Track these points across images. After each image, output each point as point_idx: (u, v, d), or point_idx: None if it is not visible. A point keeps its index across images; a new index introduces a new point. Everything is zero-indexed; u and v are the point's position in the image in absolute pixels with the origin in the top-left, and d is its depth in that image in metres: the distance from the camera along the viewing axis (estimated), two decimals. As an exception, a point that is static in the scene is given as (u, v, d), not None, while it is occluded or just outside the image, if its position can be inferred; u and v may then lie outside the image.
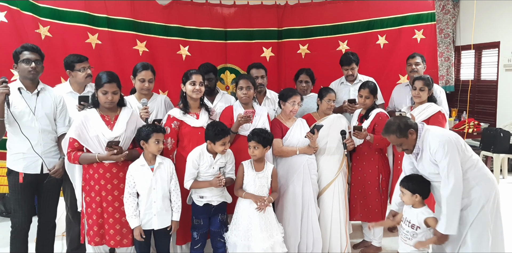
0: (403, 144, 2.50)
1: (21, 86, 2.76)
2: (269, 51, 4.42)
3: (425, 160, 2.48)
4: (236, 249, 2.79)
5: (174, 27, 4.18)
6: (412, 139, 2.48)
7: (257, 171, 2.85)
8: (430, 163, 2.45)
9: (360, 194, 3.40)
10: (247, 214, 2.79)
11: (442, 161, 2.37)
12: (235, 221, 2.85)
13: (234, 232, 2.82)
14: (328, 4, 4.52)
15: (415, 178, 2.58)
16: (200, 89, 3.02)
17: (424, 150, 2.46)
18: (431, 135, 2.45)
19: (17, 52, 2.76)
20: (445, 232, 2.37)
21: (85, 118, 2.71)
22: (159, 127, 2.74)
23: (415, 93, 3.19)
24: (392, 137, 2.50)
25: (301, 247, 3.18)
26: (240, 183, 2.86)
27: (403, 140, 2.48)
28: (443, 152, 2.36)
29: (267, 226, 2.79)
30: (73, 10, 3.78)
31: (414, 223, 2.51)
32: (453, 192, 2.34)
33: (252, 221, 2.77)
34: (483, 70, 5.81)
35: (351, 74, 3.80)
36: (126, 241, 2.75)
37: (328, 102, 3.28)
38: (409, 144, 2.49)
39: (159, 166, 2.72)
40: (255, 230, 2.75)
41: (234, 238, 2.80)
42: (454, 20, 5.94)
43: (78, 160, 2.68)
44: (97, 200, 2.71)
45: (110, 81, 2.68)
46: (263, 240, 2.74)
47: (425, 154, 2.46)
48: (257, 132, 2.83)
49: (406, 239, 2.55)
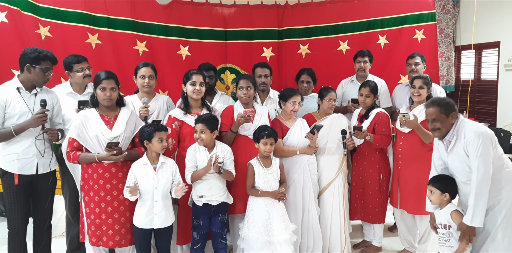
0: (439, 122, 2.47)
1: (20, 86, 2.75)
2: (270, 51, 4.42)
3: (457, 151, 2.47)
4: (255, 245, 2.82)
5: (174, 27, 4.18)
6: (450, 122, 2.47)
7: (266, 168, 2.90)
8: (461, 155, 2.44)
9: (360, 193, 3.40)
10: (265, 210, 2.85)
11: (474, 152, 2.36)
12: (252, 219, 2.89)
13: (253, 229, 2.86)
14: (329, 4, 4.52)
15: (444, 178, 2.61)
16: (201, 89, 3.02)
17: (458, 139, 2.45)
18: (467, 126, 2.45)
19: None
20: (470, 224, 2.37)
21: (84, 118, 2.72)
22: (160, 126, 2.75)
23: (415, 91, 3.19)
24: (434, 109, 2.47)
25: (301, 247, 3.18)
26: (252, 182, 2.90)
27: (442, 117, 2.46)
28: (477, 143, 2.35)
29: (284, 218, 2.90)
30: (73, 10, 3.78)
31: (445, 224, 2.54)
32: (482, 184, 2.34)
33: (271, 215, 2.85)
34: (483, 70, 5.81)
35: (363, 67, 3.79)
36: (124, 241, 2.75)
37: (329, 102, 3.28)
38: (444, 125, 2.47)
39: (161, 166, 2.73)
40: (275, 224, 2.84)
41: (254, 235, 2.84)
42: (454, 20, 5.93)
43: (77, 159, 2.68)
44: (96, 200, 2.71)
45: (108, 78, 2.70)
46: (283, 232, 2.84)
47: (458, 144, 2.45)
48: (266, 128, 2.90)
49: (445, 242, 2.56)
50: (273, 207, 2.86)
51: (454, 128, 2.48)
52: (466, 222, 2.40)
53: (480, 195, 2.36)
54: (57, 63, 2.83)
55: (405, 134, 3.19)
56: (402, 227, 3.41)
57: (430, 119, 2.53)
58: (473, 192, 2.37)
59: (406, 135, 3.20)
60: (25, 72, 2.73)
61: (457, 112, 2.50)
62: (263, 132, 2.86)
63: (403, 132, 3.20)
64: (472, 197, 2.37)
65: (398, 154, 3.28)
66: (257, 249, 2.83)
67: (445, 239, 2.55)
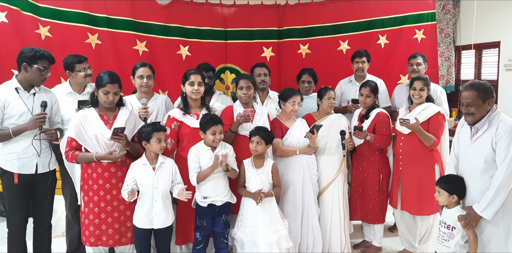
0: (474, 106, 2.39)
1: (18, 86, 2.75)
2: (270, 51, 4.41)
3: (482, 141, 2.40)
4: (244, 245, 2.83)
5: (174, 27, 4.17)
6: (485, 108, 2.39)
7: (257, 168, 2.89)
8: (485, 147, 2.37)
9: (360, 194, 3.40)
10: (252, 211, 2.84)
11: (505, 147, 2.29)
12: (241, 218, 2.89)
13: (240, 228, 2.87)
14: (329, 3, 4.51)
15: (452, 179, 2.56)
16: (199, 89, 3.01)
17: (489, 129, 2.37)
18: (503, 118, 2.37)
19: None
20: (480, 213, 2.35)
21: (83, 117, 2.72)
22: (159, 126, 2.74)
23: (416, 93, 3.18)
24: (471, 93, 2.39)
25: (301, 247, 3.19)
26: (243, 181, 2.91)
27: (478, 102, 2.38)
28: (510, 139, 2.29)
29: (272, 221, 2.85)
30: (73, 10, 3.78)
31: (449, 224, 2.51)
32: (507, 180, 2.29)
33: (256, 216, 2.82)
34: (483, 70, 5.79)
35: (361, 68, 3.79)
36: (124, 240, 2.76)
37: (329, 100, 3.27)
38: (478, 110, 2.39)
39: (161, 166, 2.73)
40: (259, 225, 2.80)
41: (240, 234, 2.85)
42: (454, 20, 5.92)
43: (76, 159, 2.68)
44: (95, 200, 2.71)
45: (113, 82, 2.69)
46: (268, 234, 2.79)
47: (487, 134, 2.38)
48: (261, 128, 2.89)
49: (443, 241, 2.55)
50: (259, 208, 2.82)
51: (488, 116, 2.40)
52: (477, 210, 2.36)
53: (501, 191, 2.30)
54: (54, 63, 2.83)
55: (405, 135, 3.19)
56: (402, 227, 3.41)
57: (465, 102, 2.41)
58: (495, 186, 2.30)
59: (406, 136, 3.19)
60: (22, 72, 2.73)
61: (494, 100, 2.41)
62: (253, 130, 2.88)
63: (403, 133, 3.19)
64: (492, 191, 2.31)
65: (399, 155, 3.27)
66: (246, 249, 2.83)
67: (444, 239, 2.54)
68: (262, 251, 2.77)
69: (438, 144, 3.15)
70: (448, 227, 2.52)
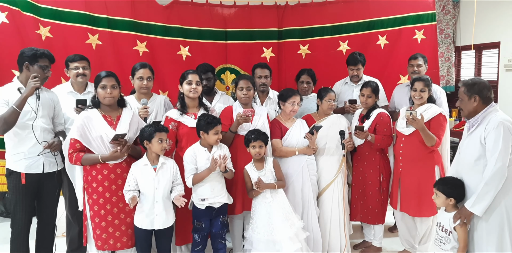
0: (462, 101, 2.48)
1: (21, 86, 2.76)
2: (270, 51, 4.41)
3: (474, 136, 2.43)
4: (259, 245, 2.84)
5: (175, 28, 4.18)
6: (471, 104, 2.43)
7: (259, 170, 2.92)
8: (476, 142, 2.39)
9: (360, 194, 3.40)
10: (265, 211, 2.87)
11: (494, 142, 2.30)
12: (255, 220, 2.92)
13: (256, 230, 2.89)
14: (329, 4, 4.51)
15: (450, 181, 2.54)
16: (197, 88, 3.01)
17: (481, 125, 2.41)
18: (496, 115, 2.39)
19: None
20: (470, 209, 2.35)
21: (87, 118, 2.70)
22: (161, 126, 2.74)
23: (416, 94, 3.17)
24: (460, 88, 2.49)
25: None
26: (250, 185, 2.95)
27: (464, 98, 2.46)
28: (498, 133, 2.30)
29: (287, 216, 2.90)
30: (73, 11, 3.78)
31: (447, 228, 2.49)
32: (495, 175, 2.29)
33: (271, 216, 2.86)
34: (483, 70, 5.80)
35: (356, 74, 3.79)
36: (131, 243, 2.75)
37: (329, 102, 3.28)
38: (465, 106, 2.47)
39: (162, 166, 2.72)
40: (276, 223, 2.84)
41: (256, 236, 2.86)
42: (454, 20, 5.93)
43: (80, 161, 2.66)
44: (100, 202, 2.68)
45: (108, 75, 2.71)
46: (286, 229, 2.84)
47: (478, 129, 2.41)
48: (258, 132, 2.91)
49: (441, 244, 2.54)
50: (273, 206, 2.87)
51: (483, 112, 2.43)
52: (467, 206, 2.37)
53: (491, 186, 2.30)
54: (54, 62, 2.85)
55: (406, 136, 3.17)
56: (403, 228, 3.41)
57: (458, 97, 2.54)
58: (484, 181, 2.31)
59: (406, 137, 3.18)
60: (24, 71, 2.75)
61: (487, 98, 2.42)
62: (250, 136, 2.89)
63: (404, 134, 3.19)
64: (481, 186, 2.32)
65: (399, 156, 3.26)
66: (260, 250, 2.84)
67: (442, 242, 2.53)
68: (283, 247, 2.80)
69: (439, 145, 3.14)
70: (445, 231, 2.51)
